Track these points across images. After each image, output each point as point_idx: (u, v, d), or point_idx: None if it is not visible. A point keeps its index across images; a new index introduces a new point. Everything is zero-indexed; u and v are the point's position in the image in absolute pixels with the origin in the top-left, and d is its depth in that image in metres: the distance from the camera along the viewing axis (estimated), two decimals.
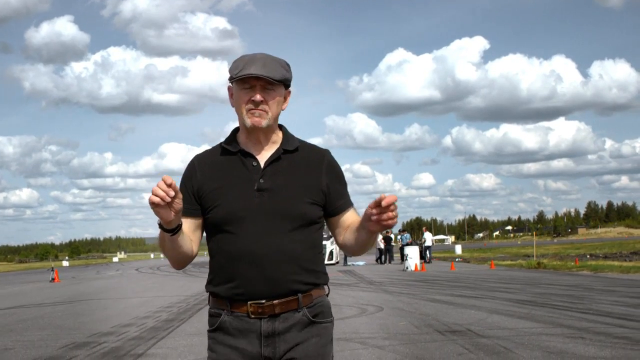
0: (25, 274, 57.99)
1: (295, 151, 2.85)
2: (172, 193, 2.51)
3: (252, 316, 2.73)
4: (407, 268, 31.62)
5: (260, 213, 2.72)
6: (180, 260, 2.85)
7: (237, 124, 2.90)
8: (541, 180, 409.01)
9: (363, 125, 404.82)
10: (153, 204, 2.53)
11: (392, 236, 45.87)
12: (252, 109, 2.74)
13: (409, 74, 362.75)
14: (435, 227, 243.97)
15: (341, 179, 2.94)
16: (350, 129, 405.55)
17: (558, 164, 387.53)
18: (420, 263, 32.39)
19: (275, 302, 2.72)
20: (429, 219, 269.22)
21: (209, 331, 2.88)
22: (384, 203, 2.54)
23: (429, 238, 41.31)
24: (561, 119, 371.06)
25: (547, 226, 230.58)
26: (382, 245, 42.47)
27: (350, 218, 2.90)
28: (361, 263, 41.75)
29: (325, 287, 2.92)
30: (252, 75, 2.69)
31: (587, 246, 66.13)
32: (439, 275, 26.49)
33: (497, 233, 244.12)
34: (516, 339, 9.31)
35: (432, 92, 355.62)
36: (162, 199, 2.51)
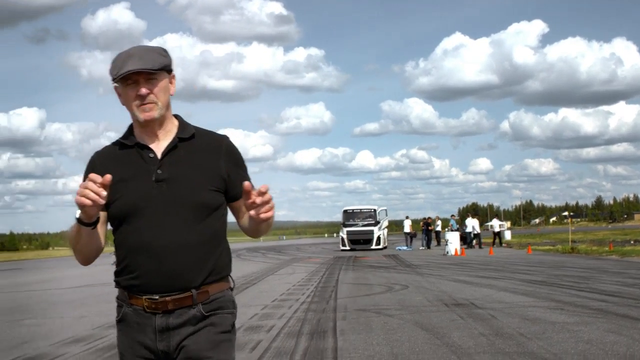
0: None
1: (191, 138, 2.86)
2: (104, 193, 2.54)
3: (147, 310, 2.76)
4: (447, 253, 33.26)
5: (160, 204, 2.74)
6: (90, 255, 2.87)
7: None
8: (601, 165, 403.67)
9: (419, 110, 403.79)
10: (82, 206, 2.56)
11: (439, 222, 47.50)
12: (141, 104, 2.76)
13: (465, 58, 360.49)
14: (492, 213, 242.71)
15: (240, 163, 2.94)
16: (407, 114, 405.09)
17: (618, 148, 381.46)
18: (461, 248, 34.02)
19: (168, 298, 2.74)
20: (485, 205, 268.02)
21: (116, 321, 2.92)
22: (258, 200, 2.61)
23: (470, 224, 42.91)
24: (621, 103, 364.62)
25: (604, 212, 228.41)
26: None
27: None
28: (408, 248, 43.36)
29: (229, 279, 2.94)
30: (131, 72, 2.71)
31: (637, 232, 66.57)
32: (475, 260, 28.11)
33: (553, 219, 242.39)
34: (506, 310, 11.04)
35: (490, 76, 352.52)
36: (94, 201, 2.54)
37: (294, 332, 9.49)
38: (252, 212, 2.63)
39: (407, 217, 49.05)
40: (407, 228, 46.91)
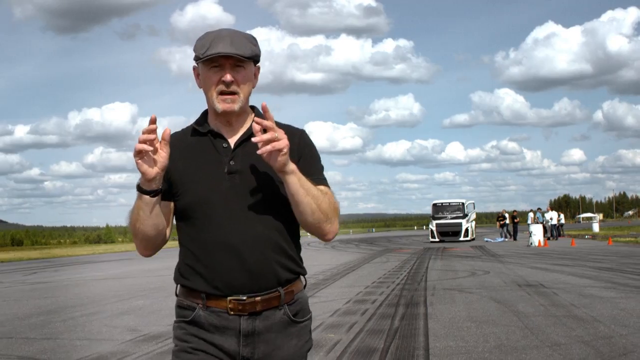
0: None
1: (266, 131, 2.51)
2: (153, 137, 2.42)
3: (232, 313, 2.56)
4: (531, 244, 35.26)
5: (232, 197, 2.57)
6: (149, 238, 2.64)
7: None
8: None
9: (510, 100, 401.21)
10: (137, 153, 2.43)
11: (515, 215, 49.03)
12: (223, 92, 2.58)
13: (557, 47, 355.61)
14: (584, 205, 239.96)
15: (313, 156, 2.73)
16: (497, 104, 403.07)
17: None
18: (544, 239, 35.94)
19: (257, 298, 2.56)
20: (577, 197, 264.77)
21: (179, 321, 2.67)
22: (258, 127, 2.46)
23: (554, 217, 44.87)
24: None
25: None
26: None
27: None
28: (499, 240, 45.39)
29: (303, 279, 2.77)
30: (220, 55, 2.53)
31: None
32: (555, 250, 30.10)
33: None
34: (567, 289, 13.41)
35: (582, 65, 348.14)
36: (143, 143, 2.42)
37: (393, 303, 12.09)
38: (255, 139, 2.47)
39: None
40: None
